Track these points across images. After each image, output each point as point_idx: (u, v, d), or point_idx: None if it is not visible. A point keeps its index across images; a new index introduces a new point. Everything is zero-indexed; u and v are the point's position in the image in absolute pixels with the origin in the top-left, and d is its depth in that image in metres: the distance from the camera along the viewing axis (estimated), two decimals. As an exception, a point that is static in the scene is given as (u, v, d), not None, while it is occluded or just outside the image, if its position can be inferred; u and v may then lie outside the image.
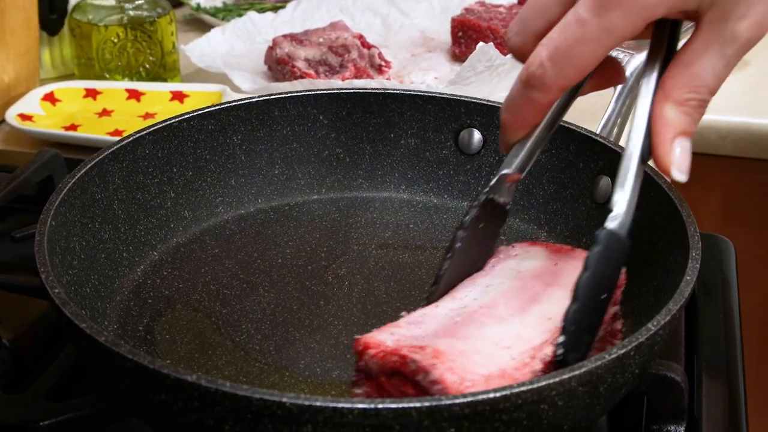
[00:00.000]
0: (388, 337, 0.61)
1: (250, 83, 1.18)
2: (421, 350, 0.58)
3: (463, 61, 1.28)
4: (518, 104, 0.62)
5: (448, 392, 0.56)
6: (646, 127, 0.61)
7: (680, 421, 0.70)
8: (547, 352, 0.60)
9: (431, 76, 1.28)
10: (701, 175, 1.31)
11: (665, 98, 0.59)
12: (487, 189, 0.68)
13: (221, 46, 1.31)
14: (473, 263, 0.71)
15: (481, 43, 1.08)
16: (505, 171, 0.67)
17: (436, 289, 0.68)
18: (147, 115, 1.17)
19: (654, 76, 0.62)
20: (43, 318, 0.79)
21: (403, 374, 0.59)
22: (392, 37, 1.41)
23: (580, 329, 0.60)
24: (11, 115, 1.13)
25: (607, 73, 0.66)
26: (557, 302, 0.64)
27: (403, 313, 0.66)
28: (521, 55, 0.63)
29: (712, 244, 0.93)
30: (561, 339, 0.59)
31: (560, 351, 0.59)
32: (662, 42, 0.63)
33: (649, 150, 0.61)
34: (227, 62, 1.26)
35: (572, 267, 0.67)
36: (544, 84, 0.60)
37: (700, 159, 1.26)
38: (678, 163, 0.60)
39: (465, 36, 1.31)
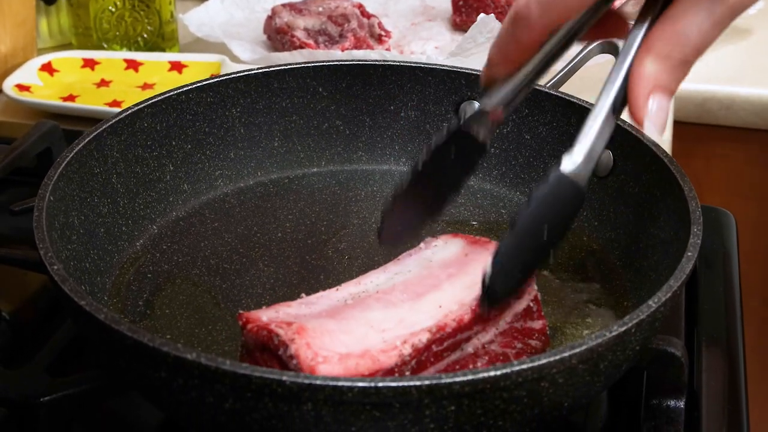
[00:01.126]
0: (268, 314, 0.60)
1: (249, 53, 1.17)
2: (287, 326, 0.58)
3: (464, 30, 1.28)
4: (505, 41, 0.62)
5: (301, 368, 0.56)
6: (622, 79, 0.59)
7: (680, 395, 0.70)
8: (422, 338, 0.59)
9: (431, 45, 1.27)
10: (703, 146, 1.30)
11: (647, 51, 0.58)
12: (466, 119, 0.66)
13: (220, 15, 1.30)
14: (430, 204, 0.69)
15: (482, 15, 1.07)
16: (485, 106, 0.65)
17: (385, 225, 0.67)
18: (146, 86, 1.17)
19: (641, 32, 0.60)
20: (42, 290, 0.80)
21: (270, 349, 0.59)
22: (392, 6, 1.40)
23: (513, 264, 0.59)
24: (9, 86, 1.12)
25: (609, 24, 0.65)
26: (453, 291, 0.63)
27: (302, 295, 0.66)
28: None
29: (713, 217, 0.93)
30: (489, 269, 0.58)
31: (487, 281, 0.58)
32: (656, 1, 0.62)
33: (622, 101, 0.60)
34: (226, 31, 1.25)
35: (482, 258, 0.66)
36: (529, 23, 0.59)
37: (701, 129, 1.27)
38: (653, 118, 0.59)
39: (466, 5, 1.29)
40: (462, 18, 1.30)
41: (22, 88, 1.13)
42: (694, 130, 1.27)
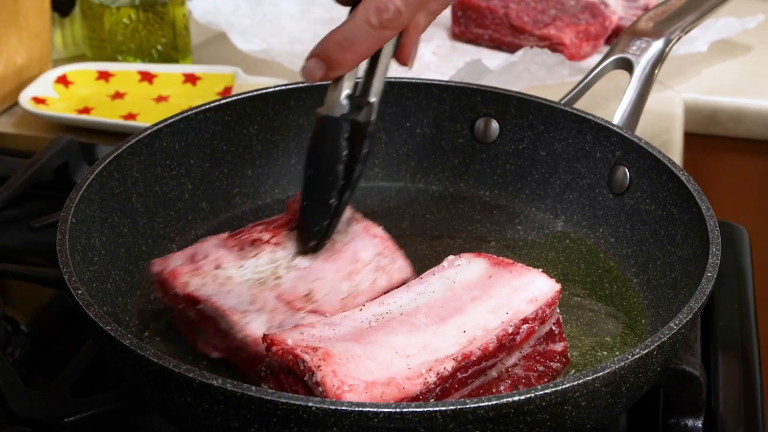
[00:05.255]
0: (294, 336, 0.61)
1: (248, 44, 1.17)
2: (313, 351, 0.59)
3: (463, 40, 1.31)
4: (366, 43, 0.67)
5: (327, 396, 0.56)
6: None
7: (698, 414, 0.71)
8: (447, 366, 0.60)
9: (430, 50, 1.28)
10: (712, 157, 1.31)
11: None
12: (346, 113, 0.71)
13: (226, 5, 1.30)
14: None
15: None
16: (349, 92, 0.71)
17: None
18: (160, 98, 1.17)
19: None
20: (57, 299, 0.80)
21: (295, 373, 0.59)
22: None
23: (314, 200, 0.71)
24: (25, 99, 1.12)
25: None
26: (477, 315, 0.64)
27: (326, 314, 0.67)
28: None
29: (727, 232, 0.93)
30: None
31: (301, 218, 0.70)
32: None
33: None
34: (229, 21, 1.25)
35: (505, 281, 0.67)
36: (400, 24, 0.67)
37: (711, 141, 1.27)
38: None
39: (465, 16, 1.31)
40: (461, 29, 1.31)
41: (38, 100, 1.13)
42: (703, 142, 1.28)
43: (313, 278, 0.70)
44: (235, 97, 0.86)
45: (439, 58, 1.27)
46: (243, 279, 0.69)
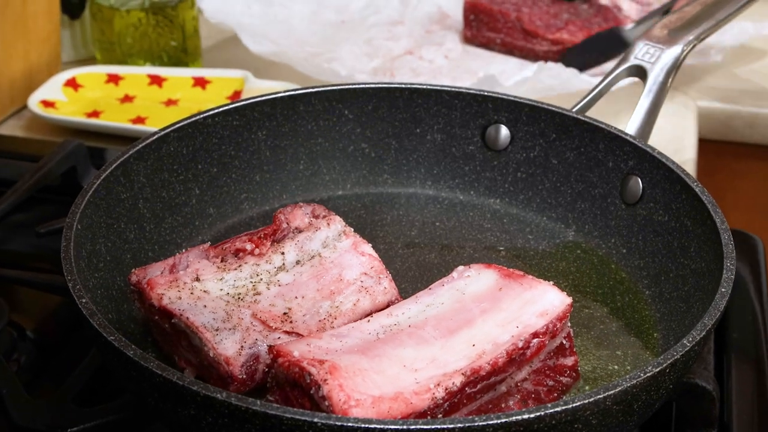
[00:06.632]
0: (300, 348, 0.60)
1: (258, 45, 1.17)
2: (319, 364, 0.58)
3: (475, 44, 1.30)
4: None
5: (333, 410, 0.55)
6: None
7: (711, 428, 0.70)
8: (456, 381, 0.58)
9: (441, 54, 1.27)
10: (727, 163, 1.29)
11: None
12: None
13: (237, 5, 1.29)
14: None
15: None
16: None
17: None
18: (169, 102, 1.16)
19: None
20: (63, 304, 0.80)
21: (301, 386, 0.58)
22: (409, 13, 1.39)
23: None
24: (34, 102, 1.12)
25: None
26: (487, 329, 0.63)
27: (333, 325, 0.66)
28: None
29: (741, 242, 0.92)
30: None
31: None
32: None
33: None
34: (240, 22, 1.24)
35: (515, 293, 0.66)
36: None
37: (726, 147, 1.26)
38: None
39: (477, 19, 1.30)
40: (473, 32, 1.30)
41: (47, 104, 1.13)
42: (718, 148, 1.26)
43: (293, 295, 0.68)
44: (243, 102, 0.85)
45: (450, 62, 1.26)
46: (221, 293, 0.67)
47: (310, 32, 1.31)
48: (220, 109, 0.84)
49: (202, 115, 0.83)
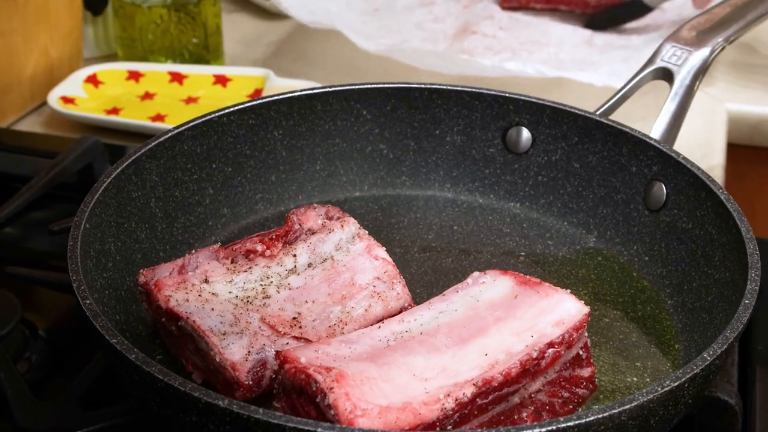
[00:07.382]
0: (308, 354, 0.58)
1: (368, 42, 1.13)
2: (326, 372, 0.56)
3: (512, 8, 1.30)
4: None
5: (339, 419, 0.54)
6: None
7: (733, 445, 0.67)
8: (466, 392, 0.56)
9: (495, 26, 1.27)
10: (756, 168, 1.27)
11: None
12: None
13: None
14: None
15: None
16: None
17: None
18: (189, 99, 1.16)
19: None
20: (77, 305, 0.78)
21: (308, 394, 0.56)
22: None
23: None
24: (54, 98, 1.11)
25: None
26: (500, 338, 0.61)
27: (343, 331, 0.64)
28: None
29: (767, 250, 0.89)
30: None
31: None
32: None
33: None
34: (340, 17, 1.20)
35: (531, 301, 0.64)
36: None
37: (755, 152, 1.23)
38: None
39: None
40: None
41: (66, 100, 1.12)
42: (747, 153, 1.24)
43: (303, 299, 0.67)
44: (259, 101, 0.84)
45: (509, 33, 1.26)
46: (229, 296, 0.66)
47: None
48: (236, 108, 0.83)
49: (217, 114, 0.82)
